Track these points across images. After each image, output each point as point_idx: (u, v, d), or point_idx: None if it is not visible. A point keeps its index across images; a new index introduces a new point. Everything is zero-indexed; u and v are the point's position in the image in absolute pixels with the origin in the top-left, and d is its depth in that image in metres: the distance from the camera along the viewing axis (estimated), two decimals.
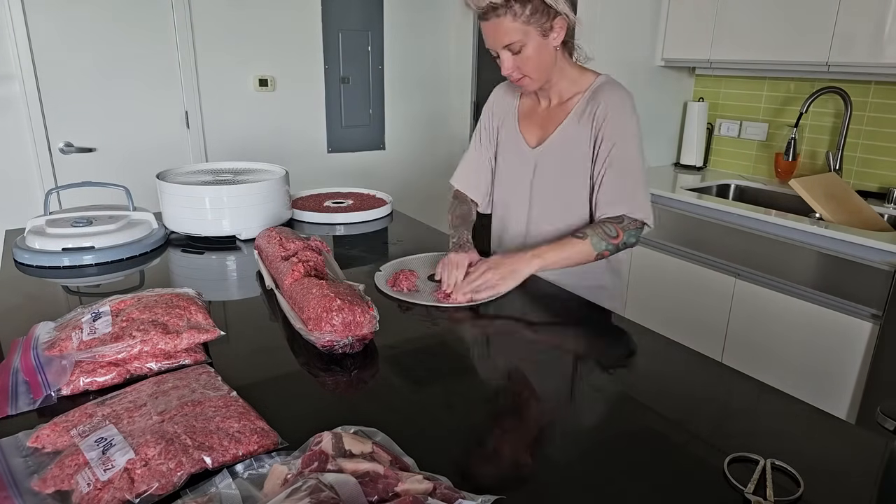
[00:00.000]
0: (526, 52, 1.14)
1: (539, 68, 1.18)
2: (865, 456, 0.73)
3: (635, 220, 1.20)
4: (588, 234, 1.18)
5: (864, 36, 1.91)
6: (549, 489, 0.66)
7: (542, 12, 1.11)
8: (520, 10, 1.09)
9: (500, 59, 1.18)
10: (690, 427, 0.78)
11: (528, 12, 1.10)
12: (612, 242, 1.18)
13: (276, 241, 1.18)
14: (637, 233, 1.21)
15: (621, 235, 1.18)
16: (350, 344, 0.91)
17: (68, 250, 1.33)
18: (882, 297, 1.69)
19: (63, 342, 0.85)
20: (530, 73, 1.18)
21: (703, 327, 2.20)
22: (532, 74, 1.19)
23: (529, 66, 1.17)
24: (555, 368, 0.95)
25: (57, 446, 0.68)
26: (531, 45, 1.14)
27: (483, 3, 1.10)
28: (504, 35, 1.12)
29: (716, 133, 2.73)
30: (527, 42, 1.13)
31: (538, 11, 1.11)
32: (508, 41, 1.13)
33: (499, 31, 1.12)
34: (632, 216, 1.20)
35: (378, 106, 3.26)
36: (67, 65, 2.44)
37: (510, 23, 1.11)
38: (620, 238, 1.19)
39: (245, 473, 0.64)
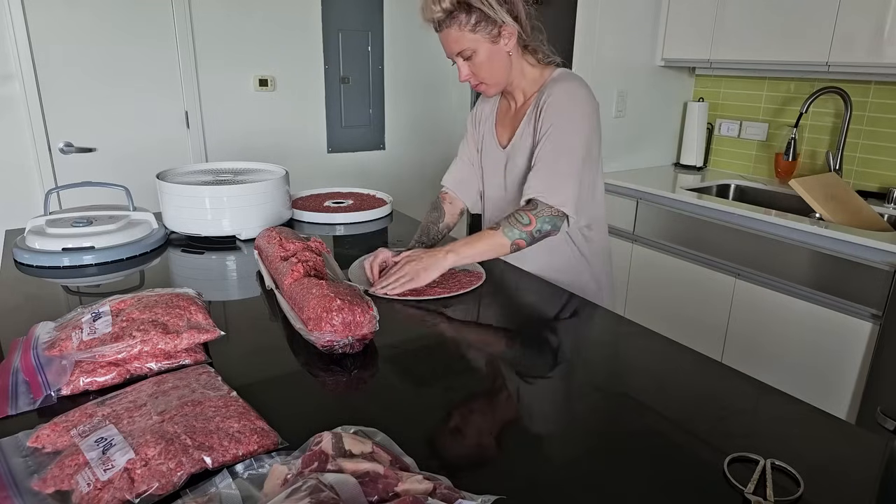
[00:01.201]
0: (477, 58, 1.21)
1: (492, 73, 1.24)
2: (865, 456, 0.73)
3: (550, 206, 1.20)
4: (501, 225, 1.20)
5: (864, 36, 1.91)
6: (549, 489, 0.66)
7: (487, 21, 1.18)
8: (465, 20, 1.17)
9: (457, 65, 1.25)
10: (690, 427, 0.78)
11: (472, 21, 1.17)
12: (525, 230, 1.19)
13: (275, 242, 1.18)
14: (554, 220, 1.20)
15: (534, 222, 1.19)
16: (350, 344, 0.91)
17: (68, 250, 1.33)
18: (882, 297, 1.69)
19: (63, 342, 0.85)
20: (485, 79, 1.25)
21: (703, 327, 2.20)
22: (487, 80, 1.25)
23: (483, 71, 1.24)
24: (555, 368, 0.95)
25: (57, 446, 0.68)
26: (481, 51, 1.20)
27: (430, 17, 1.19)
28: (454, 43, 1.20)
29: (716, 133, 2.73)
30: (477, 49, 1.20)
31: (483, 20, 1.17)
32: (459, 49, 1.21)
33: (449, 40, 1.21)
34: (545, 201, 1.20)
35: (378, 106, 3.26)
36: (67, 65, 2.44)
37: (457, 32, 1.18)
38: (533, 225, 1.19)
39: (245, 473, 0.64)
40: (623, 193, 2.44)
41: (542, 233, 1.21)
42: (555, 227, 1.22)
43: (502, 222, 1.21)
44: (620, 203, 2.44)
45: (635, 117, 2.63)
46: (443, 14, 1.17)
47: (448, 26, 1.18)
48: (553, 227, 1.21)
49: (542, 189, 1.20)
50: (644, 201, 2.35)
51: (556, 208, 1.20)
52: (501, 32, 1.20)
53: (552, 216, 1.20)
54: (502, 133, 1.39)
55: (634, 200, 2.38)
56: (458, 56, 1.22)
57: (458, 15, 1.17)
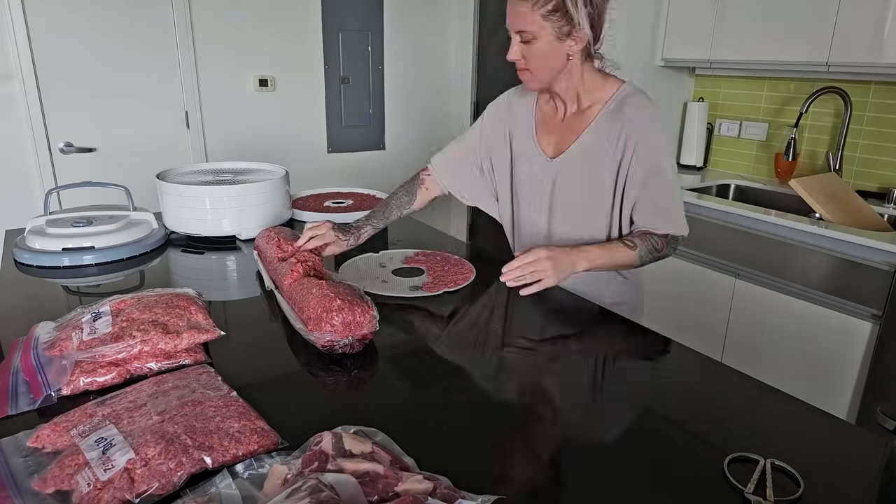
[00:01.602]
0: (536, 45, 1.13)
1: (543, 67, 1.16)
2: (865, 456, 0.73)
3: (677, 237, 1.22)
4: (637, 245, 1.18)
5: (864, 36, 1.91)
6: (549, 489, 0.66)
7: (562, 15, 1.10)
8: (543, 2, 1.09)
9: (511, 41, 1.16)
10: (690, 427, 0.78)
11: (550, 7, 1.09)
12: (657, 255, 1.20)
13: (274, 242, 1.18)
14: (675, 246, 1.23)
15: (664, 250, 1.21)
16: (350, 344, 0.91)
17: (68, 250, 1.33)
18: (882, 297, 1.69)
19: (63, 342, 0.85)
20: (533, 68, 1.17)
21: (703, 327, 2.20)
22: (535, 70, 1.17)
23: (535, 60, 1.15)
24: (554, 368, 0.95)
25: (57, 446, 0.68)
26: (543, 41, 1.12)
27: None
28: (519, 20, 1.12)
29: (716, 133, 2.73)
30: (539, 36, 1.12)
31: (558, 12, 1.09)
32: (521, 27, 1.12)
33: (516, 15, 1.12)
34: (674, 233, 1.21)
35: (378, 106, 3.26)
36: (67, 65, 2.44)
37: (529, 11, 1.10)
38: (663, 251, 1.21)
39: (245, 473, 0.64)
40: None
41: (665, 256, 1.23)
42: (673, 251, 1.24)
43: (638, 242, 1.18)
44: None
45: None
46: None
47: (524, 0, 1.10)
48: (673, 251, 1.24)
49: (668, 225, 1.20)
50: None
51: (682, 237, 1.23)
52: (571, 33, 1.13)
53: (675, 244, 1.23)
54: (546, 141, 1.28)
55: None
56: (517, 33, 1.14)
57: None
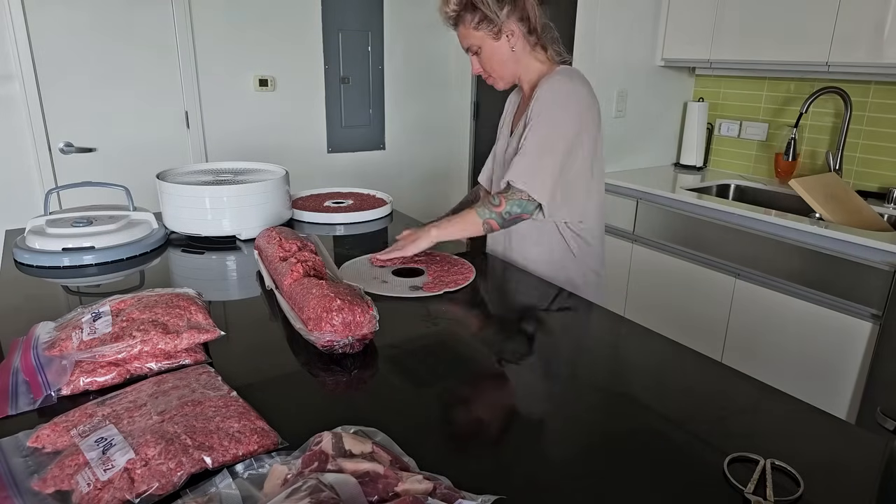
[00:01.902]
0: (483, 53, 1.33)
1: (497, 67, 1.35)
2: (865, 456, 0.73)
3: (520, 190, 1.28)
4: (476, 205, 1.31)
5: (864, 36, 1.91)
6: (549, 489, 0.66)
7: (488, 20, 1.29)
8: (470, 18, 1.29)
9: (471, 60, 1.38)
10: (690, 427, 0.78)
11: (476, 20, 1.29)
12: (496, 210, 1.29)
13: (275, 242, 1.18)
14: (524, 204, 1.28)
15: (503, 204, 1.28)
16: (350, 344, 0.91)
17: (68, 250, 1.33)
18: (882, 297, 1.69)
19: (63, 342, 0.85)
20: (492, 72, 1.36)
21: (703, 327, 2.20)
22: (493, 73, 1.36)
23: (489, 65, 1.35)
24: (555, 368, 0.95)
25: (57, 446, 0.68)
26: (485, 47, 1.32)
27: (445, 15, 1.33)
28: (463, 39, 1.34)
29: (716, 133, 2.73)
30: (482, 45, 1.32)
31: (484, 20, 1.29)
32: (467, 44, 1.34)
33: (460, 36, 1.35)
34: (517, 186, 1.28)
35: (378, 106, 3.26)
36: (67, 65, 2.44)
37: (464, 30, 1.32)
38: (503, 207, 1.28)
39: (245, 473, 0.64)
40: (623, 193, 2.44)
41: (512, 215, 1.29)
42: (525, 211, 1.30)
43: (478, 203, 1.32)
44: (620, 203, 2.44)
45: (635, 117, 2.63)
46: (453, 13, 1.31)
47: (458, 24, 1.32)
48: (523, 210, 1.29)
49: (517, 175, 1.29)
50: (644, 201, 2.35)
51: (527, 193, 1.28)
52: (502, 30, 1.30)
53: (522, 200, 1.28)
54: (517, 122, 1.46)
55: (634, 200, 2.38)
56: (467, 51, 1.36)
57: (464, 14, 1.30)
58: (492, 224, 1.29)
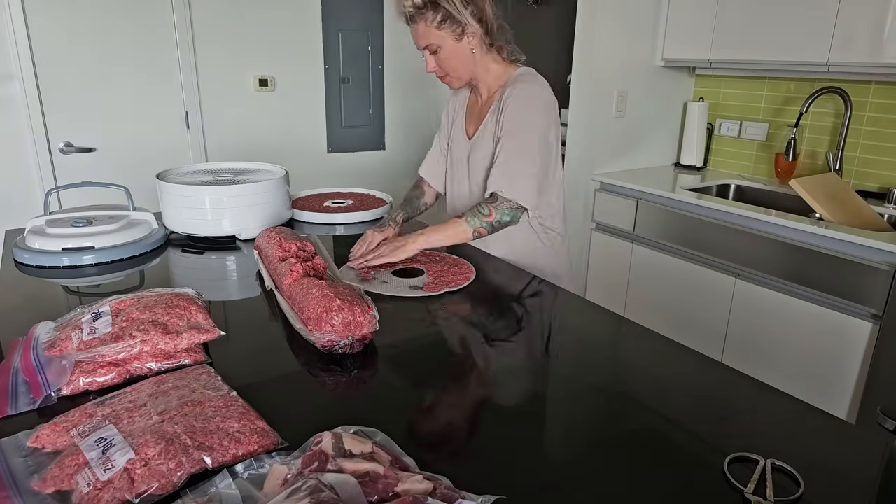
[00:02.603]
0: (442, 53, 1.31)
1: (456, 67, 1.34)
2: (865, 456, 0.73)
3: (508, 199, 1.31)
4: (465, 215, 1.32)
5: (864, 36, 1.91)
6: (549, 489, 0.66)
7: (452, 20, 1.27)
8: (432, 17, 1.27)
9: (424, 58, 1.35)
10: (690, 427, 0.78)
11: (439, 19, 1.27)
12: (486, 220, 1.31)
13: (275, 242, 1.18)
14: (513, 212, 1.32)
15: (493, 214, 1.31)
16: (350, 344, 0.91)
17: (68, 250, 1.33)
18: (882, 297, 1.69)
19: (63, 342, 0.85)
20: (450, 72, 1.35)
21: (703, 327, 2.20)
22: (451, 73, 1.36)
23: (447, 65, 1.34)
24: (555, 368, 0.95)
25: (57, 446, 0.68)
26: (446, 47, 1.30)
27: (402, 11, 1.29)
28: (421, 38, 1.31)
29: (716, 133, 2.73)
30: (442, 45, 1.30)
31: (448, 19, 1.27)
32: (425, 43, 1.31)
33: (417, 34, 1.31)
34: (505, 195, 1.31)
35: (378, 106, 3.26)
36: (67, 65, 2.44)
37: (424, 28, 1.28)
38: (493, 216, 1.31)
39: (245, 473, 0.64)
40: (623, 193, 2.44)
41: (502, 223, 1.33)
42: (514, 219, 1.34)
43: (466, 212, 1.32)
44: (620, 203, 2.44)
45: (635, 117, 2.63)
46: (413, 9, 1.27)
47: (417, 21, 1.28)
48: (512, 218, 1.33)
49: (502, 184, 1.31)
50: (644, 201, 2.35)
51: (514, 201, 1.31)
52: (465, 31, 1.29)
53: (511, 208, 1.32)
54: (470, 125, 1.49)
55: (634, 200, 2.38)
56: (424, 49, 1.32)
57: (426, 12, 1.26)
58: (481, 232, 1.32)
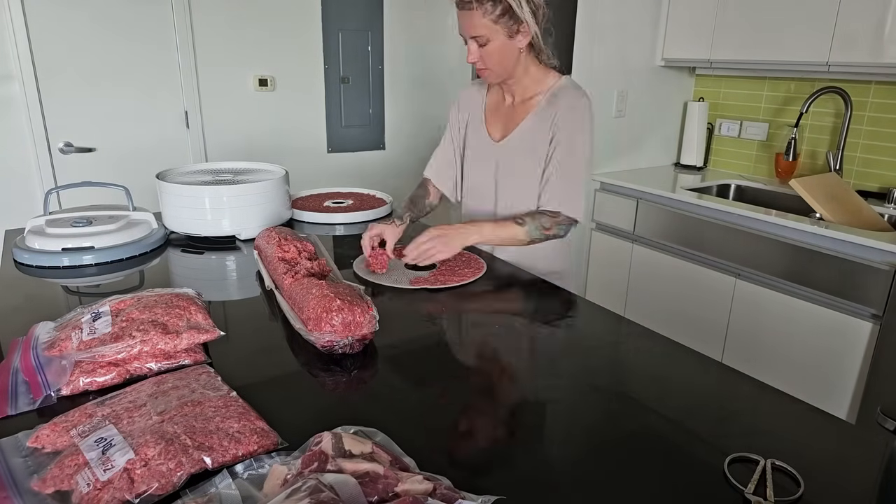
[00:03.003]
0: (491, 46, 1.26)
1: (500, 63, 1.30)
2: (865, 456, 0.73)
3: (568, 217, 1.34)
4: (526, 222, 1.31)
5: (864, 36, 1.91)
6: (549, 489, 0.66)
7: (510, 16, 1.22)
8: (491, 8, 1.21)
9: (468, 46, 1.29)
10: (690, 427, 0.78)
11: (497, 12, 1.21)
12: (545, 233, 1.33)
13: (274, 242, 1.18)
14: (567, 228, 1.35)
15: (553, 229, 1.33)
16: (350, 344, 0.91)
17: (68, 250, 1.33)
18: (882, 297, 1.69)
19: (63, 342, 0.85)
20: (492, 66, 1.30)
21: (703, 327, 2.20)
22: (493, 68, 1.30)
23: (492, 59, 1.29)
24: (555, 368, 0.95)
25: (57, 446, 0.68)
26: (496, 41, 1.25)
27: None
28: (473, 27, 1.24)
29: (716, 133, 2.73)
30: (492, 38, 1.25)
31: (506, 14, 1.22)
32: (476, 34, 1.24)
33: (470, 22, 1.24)
34: (565, 213, 1.33)
35: (378, 106, 3.25)
36: (67, 65, 2.43)
37: (480, 18, 1.22)
38: (552, 230, 1.33)
39: (245, 474, 0.64)
40: (623, 193, 2.44)
41: (556, 236, 1.35)
42: (566, 234, 1.36)
43: (527, 220, 1.31)
44: (620, 203, 2.44)
45: (635, 117, 2.63)
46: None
47: (474, 9, 1.21)
48: (565, 233, 1.36)
49: (563, 202, 1.33)
50: (644, 201, 2.35)
51: (573, 218, 1.34)
52: (520, 30, 1.25)
53: (567, 225, 1.35)
54: (494, 126, 1.44)
55: (634, 200, 2.38)
56: (472, 39, 1.26)
57: (485, 2, 1.20)
58: (535, 241, 1.34)
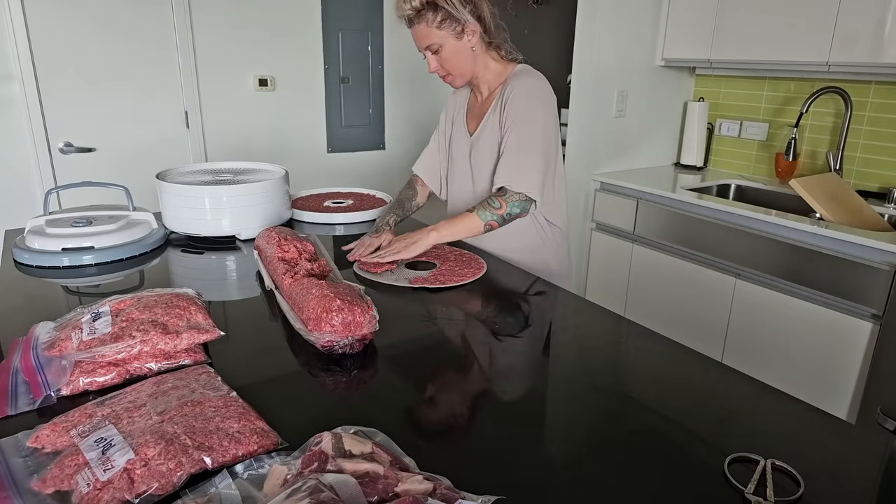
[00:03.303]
0: (444, 52, 1.33)
1: (457, 66, 1.36)
2: (865, 456, 0.73)
3: (518, 192, 1.34)
4: (476, 209, 1.34)
5: (864, 36, 1.91)
6: (549, 489, 0.66)
7: (452, 19, 1.30)
8: (432, 17, 1.29)
9: (426, 59, 1.37)
10: (690, 427, 0.78)
11: (439, 19, 1.29)
12: (497, 213, 1.34)
13: (274, 242, 1.18)
14: (522, 204, 1.35)
15: (504, 206, 1.34)
16: (350, 344, 0.91)
17: (68, 250, 1.33)
18: (882, 297, 1.69)
19: (63, 342, 0.85)
20: (451, 71, 1.37)
21: (703, 327, 2.20)
22: (453, 72, 1.37)
23: (449, 64, 1.36)
24: (555, 368, 0.95)
25: (57, 446, 0.68)
26: (447, 46, 1.33)
27: (402, 14, 1.32)
28: (423, 39, 1.33)
29: (716, 133, 2.73)
30: (443, 44, 1.32)
31: (448, 18, 1.29)
32: (427, 43, 1.33)
33: (418, 35, 1.33)
34: (513, 189, 1.34)
35: (378, 106, 3.26)
36: (67, 65, 2.44)
37: (426, 28, 1.31)
38: (504, 209, 1.34)
39: (245, 474, 0.64)
40: (623, 193, 2.44)
41: (512, 215, 1.35)
42: (524, 210, 1.36)
43: (477, 206, 1.34)
44: (620, 203, 2.44)
45: (635, 117, 2.63)
46: (413, 12, 1.29)
47: (417, 23, 1.31)
48: (522, 210, 1.36)
49: (510, 177, 1.34)
50: (644, 201, 2.35)
51: (524, 193, 1.34)
52: (465, 30, 1.32)
53: (520, 201, 1.34)
54: (471, 123, 1.51)
55: (634, 200, 2.38)
56: (426, 50, 1.35)
57: (425, 13, 1.29)
58: (492, 224, 1.34)
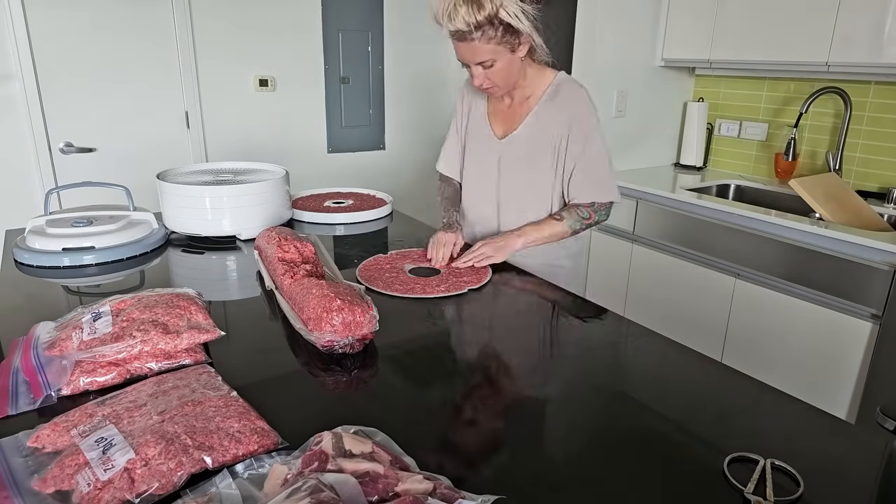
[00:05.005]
0: (497, 66, 1.25)
1: (507, 78, 1.30)
2: (865, 456, 0.73)
3: (604, 203, 1.41)
4: (564, 217, 1.39)
5: (864, 36, 1.91)
6: (549, 489, 0.66)
7: (511, 32, 1.20)
8: (492, 32, 1.18)
9: (471, 70, 1.28)
10: (690, 427, 0.78)
11: (499, 34, 1.19)
12: (586, 222, 1.40)
13: (275, 242, 1.18)
14: (607, 211, 1.43)
15: (593, 216, 1.41)
16: (350, 344, 0.91)
17: (68, 250, 1.33)
18: (882, 297, 1.69)
19: (63, 342, 0.85)
20: (499, 83, 1.30)
21: (703, 327, 2.20)
22: (500, 83, 1.30)
23: (499, 77, 1.28)
24: (555, 368, 0.95)
25: (57, 446, 0.68)
26: (501, 60, 1.24)
27: (455, 28, 1.18)
28: (476, 54, 1.22)
29: (716, 133, 2.73)
30: (498, 59, 1.23)
31: (507, 32, 1.20)
32: (481, 59, 1.23)
33: (472, 51, 1.22)
34: (601, 201, 1.40)
35: (378, 106, 3.25)
36: (67, 65, 2.43)
37: (483, 45, 1.20)
38: (592, 218, 1.41)
39: (245, 473, 0.64)
40: (623, 193, 2.43)
41: (599, 222, 1.43)
42: (608, 216, 1.43)
43: (565, 215, 1.39)
44: (620, 203, 2.43)
45: (635, 117, 2.63)
46: (469, 27, 1.16)
47: (473, 38, 1.19)
48: (608, 216, 1.43)
49: (593, 192, 1.39)
50: (644, 201, 2.35)
51: (610, 202, 1.41)
52: (521, 41, 1.24)
53: (606, 209, 1.42)
54: (497, 125, 1.45)
55: (634, 200, 2.38)
56: (478, 65, 1.25)
57: (486, 29, 1.17)
58: (577, 231, 1.41)
